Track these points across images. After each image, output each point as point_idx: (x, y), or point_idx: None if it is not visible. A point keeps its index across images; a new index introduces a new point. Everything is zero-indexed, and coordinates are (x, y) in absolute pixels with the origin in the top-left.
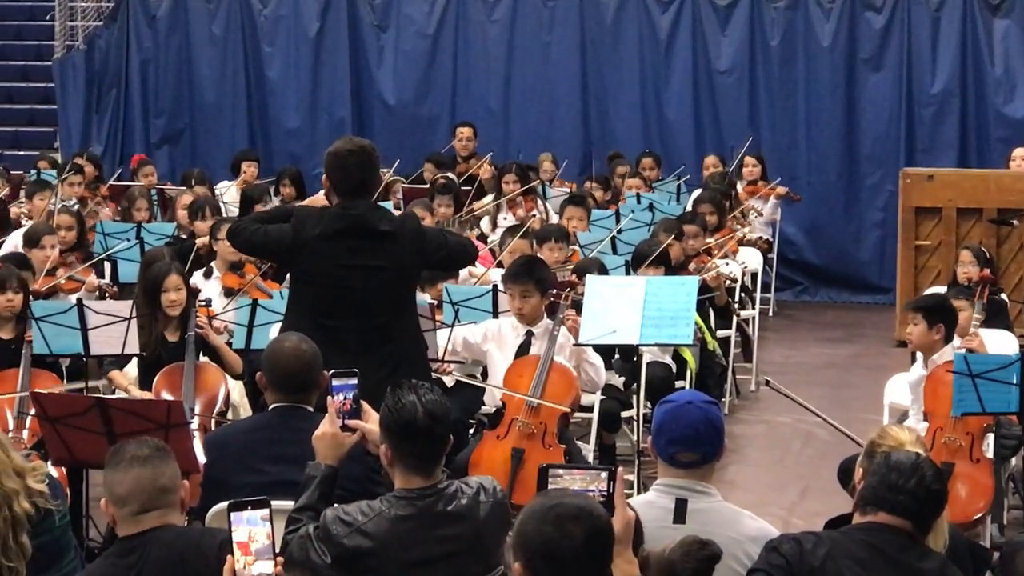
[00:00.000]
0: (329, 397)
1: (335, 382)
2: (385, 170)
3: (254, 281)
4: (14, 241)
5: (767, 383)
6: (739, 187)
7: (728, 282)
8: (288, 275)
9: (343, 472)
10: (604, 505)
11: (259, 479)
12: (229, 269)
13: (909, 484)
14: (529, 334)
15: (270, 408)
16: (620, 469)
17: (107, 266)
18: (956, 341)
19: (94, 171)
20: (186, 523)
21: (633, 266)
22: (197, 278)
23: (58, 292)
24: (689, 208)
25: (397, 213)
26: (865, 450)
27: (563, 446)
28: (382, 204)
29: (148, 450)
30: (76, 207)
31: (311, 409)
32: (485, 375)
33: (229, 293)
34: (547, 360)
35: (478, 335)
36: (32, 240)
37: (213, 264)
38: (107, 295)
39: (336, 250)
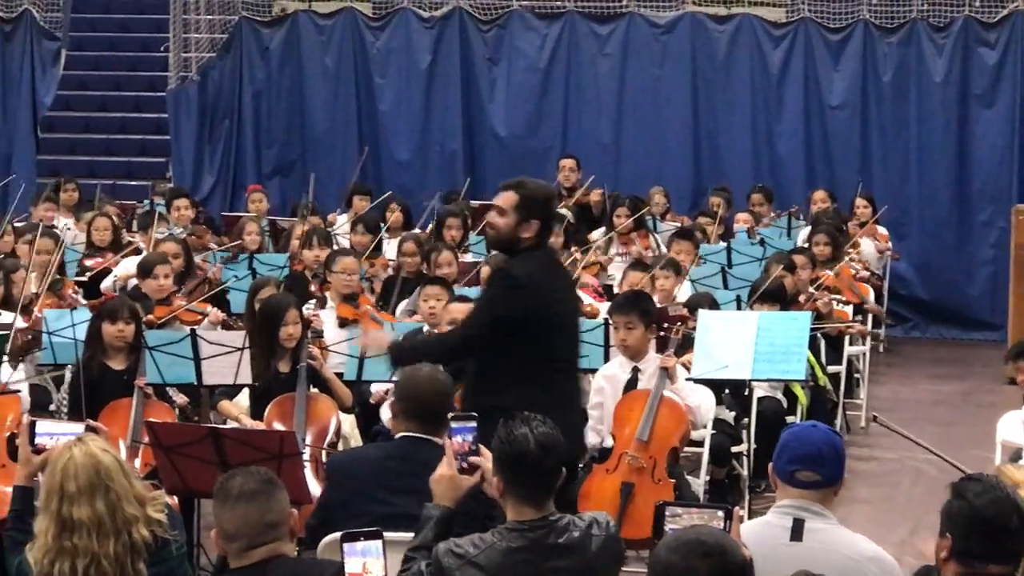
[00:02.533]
0: (447, 439)
1: (454, 424)
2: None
3: (368, 312)
4: (126, 267)
5: (874, 419)
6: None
7: (849, 328)
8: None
9: (461, 511)
10: None
11: (381, 509)
12: (343, 300)
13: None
14: (635, 371)
15: (398, 437)
16: (737, 509)
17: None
18: None
19: (192, 212)
20: (296, 553)
21: (748, 300)
22: (311, 308)
23: (176, 323)
24: (800, 243)
25: None
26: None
27: (672, 481)
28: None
29: (255, 484)
30: (183, 234)
31: (439, 442)
32: None
33: (343, 324)
34: (657, 395)
35: (597, 400)
36: (145, 270)
37: (327, 294)
38: (232, 329)
39: (562, 295)
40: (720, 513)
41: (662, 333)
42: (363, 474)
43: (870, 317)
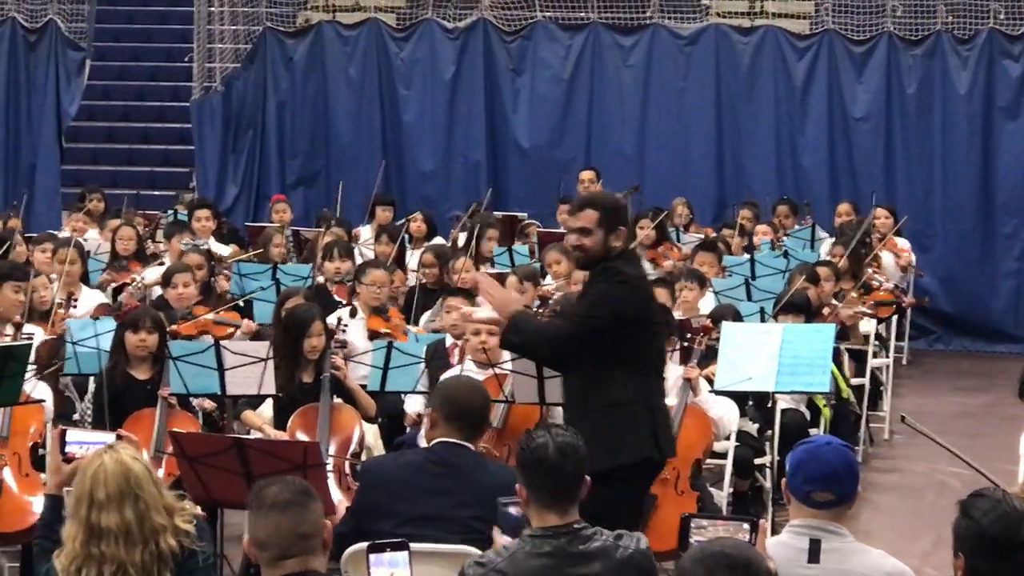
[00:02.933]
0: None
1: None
2: (521, 214)
3: (399, 325)
4: (151, 275)
5: (903, 419)
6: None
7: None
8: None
9: None
10: None
11: (414, 509)
12: (373, 312)
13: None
14: None
15: (435, 443)
16: (763, 521)
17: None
18: None
19: (213, 224)
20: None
21: (772, 311)
22: (342, 316)
23: (207, 334)
24: (824, 254)
25: (532, 258)
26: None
27: (696, 492)
28: (516, 247)
29: (290, 494)
30: (206, 245)
31: (473, 448)
32: None
33: (373, 336)
34: (680, 406)
35: None
36: (166, 279)
37: (356, 304)
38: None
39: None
40: (746, 525)
41: (685, 344)
42: (396, 477)
43: (893, 331)
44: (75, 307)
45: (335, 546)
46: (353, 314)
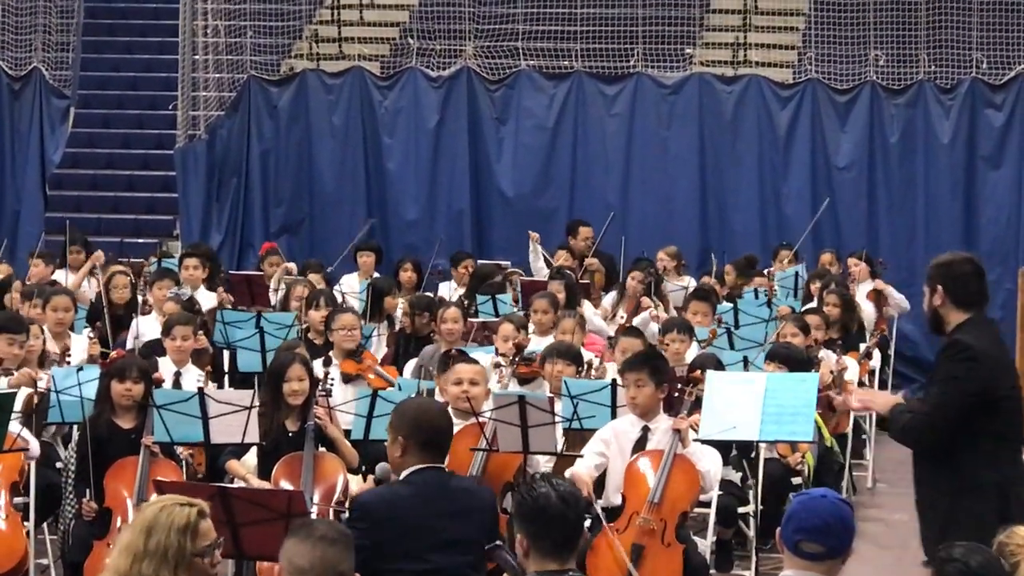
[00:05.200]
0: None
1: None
2: (505, 262)
3: (372, 367)
4: (133, 332)
5: None
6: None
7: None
8: None
9: None
10: None
11: (439, 536)
12: (346, 356)
13: None
14: (645, 429)
15: (419, 469)
16: None
17: (226, 354)
18: None
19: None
20: None
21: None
22: (316, 367)
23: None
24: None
25: (515, 306)
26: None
27: (682, 544)
28: (499, 296)
29: (336, 534)
30: (189, 295)
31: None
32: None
33: (347, 379)
34: (669, 457)
35: (601, 449)
36: (166, 331)
37: (331, 353)
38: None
39: (1008, 365)
40: None
41: (676, 395)
42: (408, 509)
43: (876, 380)
44: (69, 360)
45: None
46: (328, 364)
